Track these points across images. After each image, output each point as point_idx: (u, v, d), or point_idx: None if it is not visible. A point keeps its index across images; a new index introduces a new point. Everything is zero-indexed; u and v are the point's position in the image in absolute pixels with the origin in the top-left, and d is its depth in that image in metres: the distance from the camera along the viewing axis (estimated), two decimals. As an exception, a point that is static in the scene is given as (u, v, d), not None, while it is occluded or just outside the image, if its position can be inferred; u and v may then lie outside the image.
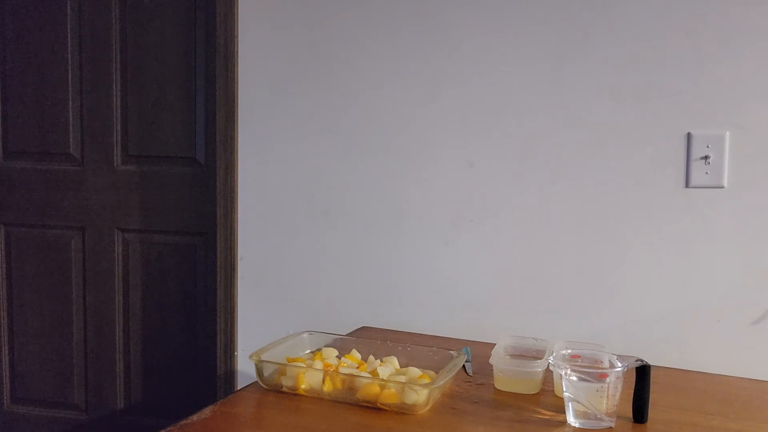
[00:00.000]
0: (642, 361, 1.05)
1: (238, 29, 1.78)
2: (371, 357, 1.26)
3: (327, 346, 1.31)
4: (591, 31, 1.52)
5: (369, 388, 1.10)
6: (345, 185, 1.73)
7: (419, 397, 1.07)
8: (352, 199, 1.72)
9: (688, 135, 1.48)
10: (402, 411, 1.08)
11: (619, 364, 1.03)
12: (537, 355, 1.29)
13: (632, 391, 1.06)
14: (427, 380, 1.14)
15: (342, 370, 1.18)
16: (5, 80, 2.05)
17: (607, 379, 1.01)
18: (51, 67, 2.01)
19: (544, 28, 1.55)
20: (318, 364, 1.18)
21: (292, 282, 1.79)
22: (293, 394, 1.15)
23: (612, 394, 1.02)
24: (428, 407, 1.09)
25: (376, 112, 1.69)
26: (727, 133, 1.46)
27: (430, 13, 1.63)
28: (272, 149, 1.78)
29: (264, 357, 1.19)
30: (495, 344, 1.28)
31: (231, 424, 1.05)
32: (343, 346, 1.31)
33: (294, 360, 1.22)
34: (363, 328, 1.66)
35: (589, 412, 1.02)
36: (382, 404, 1.09)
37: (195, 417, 1.04)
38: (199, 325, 1.97)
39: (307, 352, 1.33)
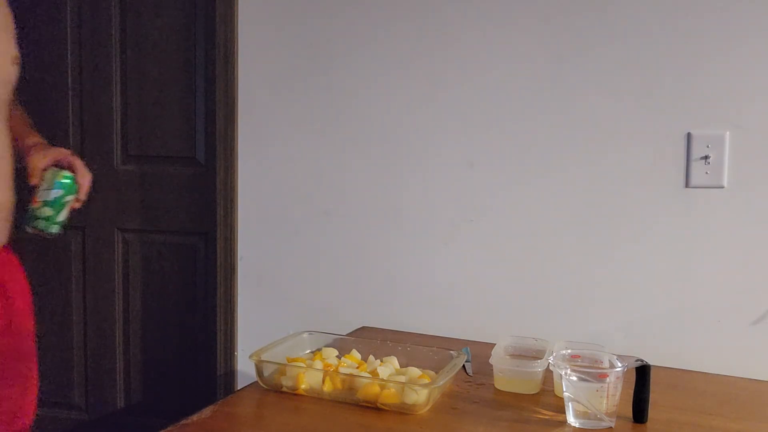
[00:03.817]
0: (642, 361, 1.05)
1: (238, 29, 1.77)
2: (371, 357, 1.26)
3: (327, 346, 1.31)
4: (591, 30, 1.52)
5: (369, 388, 1.10)
6: (345, 185, 1.73)
7: (419, 397, 1.07)
8: (352, 199, 1.72)
9: (688, 135, 1.48)
10: (402, 411, 1.08)
11: (619, 364, 1.03)
12: (537, 355, 1.29)
13: (632, 391, 1.06)
14: (427, 380, 1.14)
15: (342, 370, 1.18)
16: (5, 80, 2.05)
17: (607, 379, 1.01)
18: (51, 67, 2.01)
19: (544, 28, 1.55)
20: (318, 364, 1.18)
21: (292, 282, 1.79)
22: (293, 394, 1.15)
23: (612, 394, 1.02)
24: (428, 407, 1.09)
25: (376, 112, 1.69)
26: (727, 133, 1.46)
27: (430, 13, 1.62)
28: (272, 149, 1.78)
29: (264, 357, 1.19)
30: (495, 344, 1.28)
31: (231, 424, 1.05)
32: (343, 346, 1.31)
33: (294, 360, 1.22)
34: (363, 328, 1.66)
35: (589, 412, 1.02)
36: (382, 404, 1.09)
37: (195, 417, 1.04)
38: (199, 325, 1.97)
39: (307, 352, 1.33)
